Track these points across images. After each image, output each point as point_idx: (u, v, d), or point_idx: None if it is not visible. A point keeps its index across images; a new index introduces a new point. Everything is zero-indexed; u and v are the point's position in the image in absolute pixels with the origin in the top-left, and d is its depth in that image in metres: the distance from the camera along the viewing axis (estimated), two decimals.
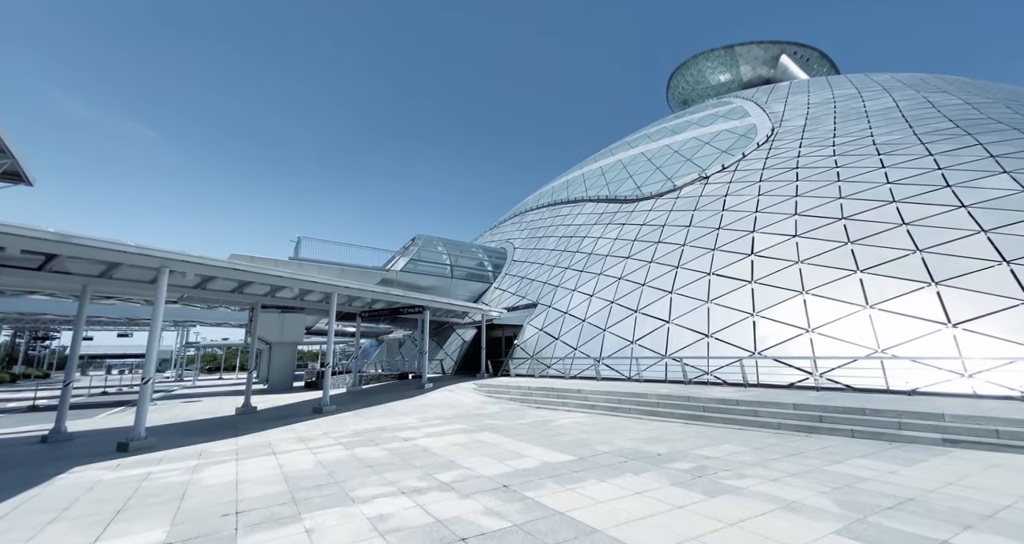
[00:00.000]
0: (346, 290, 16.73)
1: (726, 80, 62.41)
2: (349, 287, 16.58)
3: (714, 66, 61.32)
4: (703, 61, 61.78)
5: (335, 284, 15.90)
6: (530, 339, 24.34)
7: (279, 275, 13.89)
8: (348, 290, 16.80)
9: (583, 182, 39.27)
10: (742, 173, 24.28)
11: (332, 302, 16.12)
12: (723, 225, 20.88)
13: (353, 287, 16.69)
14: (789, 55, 58.73)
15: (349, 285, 16.41)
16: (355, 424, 12.84)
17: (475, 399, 17.17)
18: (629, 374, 18.42)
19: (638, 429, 10.73)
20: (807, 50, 58.33)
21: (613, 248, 25.22)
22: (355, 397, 19.69)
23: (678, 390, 14.08)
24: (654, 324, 18.98)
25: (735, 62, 59.86)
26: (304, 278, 14.95)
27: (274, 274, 13.75)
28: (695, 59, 62.01)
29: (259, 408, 17.56)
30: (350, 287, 16.61)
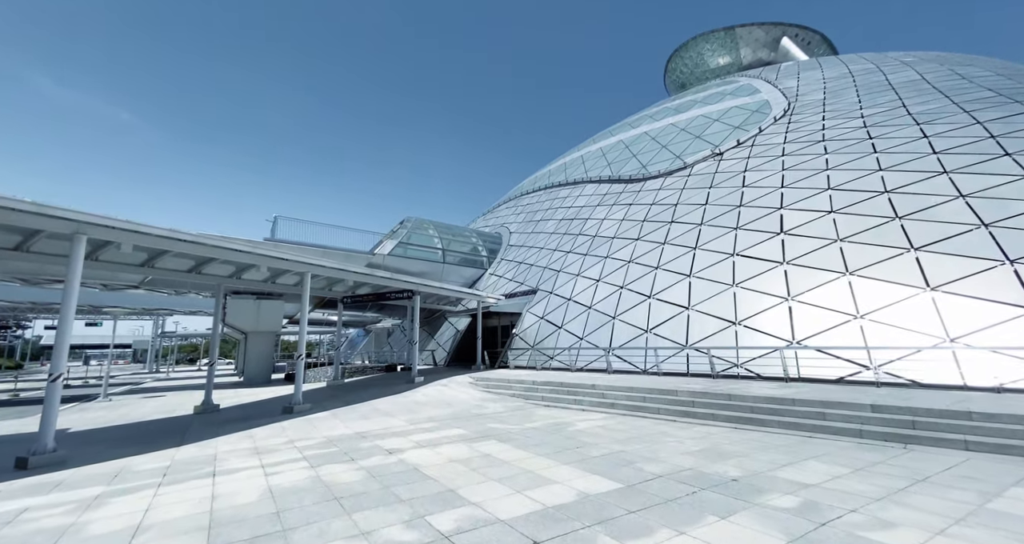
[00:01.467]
0: (322, 270, 14.33)
1: (725, 64, 60.21)
2: (325, 267, 14.17)
3: (714, 49, 59.08)
4: (702, 43, 59.53)
5: (309, 263, 13.50)
6: (530, 328, 22.14)
7: (238, 249, 11.46)
8: (325, 270, 14.40)
9: (582, 164, 36.94)
10: (761, 148, 22.14)
11: (305, 284, 13.72)
12: (745, 202, 18.76)
13: (331, 267, 14.29)
14: (791, 37, 56.62)
15: (326, 264, 14.01)
16: (330, 429, 10.54)
17: (473, 395, 14.95)
18: (645, 366, 16.31)
19: (681, 437, 8.58)
20: (808, 33, 56.37)
21: (620, 230, 23.02)
22: (335, 393, 17.36)
23: (712, 386, 11.97)
24: (672, 311, 16.86)
25: (735, 45, 57.69)
26: (270, 254, 12.53)
27: (232, 248, 11.32)
28: (694, 41, 59.73)
29: (222, 406, 15.17)
30: (327, 267, 14.21)
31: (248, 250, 11.61)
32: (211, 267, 14.59)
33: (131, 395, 22.92)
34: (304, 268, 13.63)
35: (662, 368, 15.42)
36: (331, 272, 14.69)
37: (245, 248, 11.60)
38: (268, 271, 15.28)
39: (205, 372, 45.16)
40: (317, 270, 14.05)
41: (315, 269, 13.97)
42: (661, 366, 15.43)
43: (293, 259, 12.96)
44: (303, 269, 13.62)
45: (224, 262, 14.33)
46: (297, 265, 13.50)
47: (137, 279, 20.85)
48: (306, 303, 13.64)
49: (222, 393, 20.41)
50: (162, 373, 42.88)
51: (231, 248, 11.23)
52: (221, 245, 11.19)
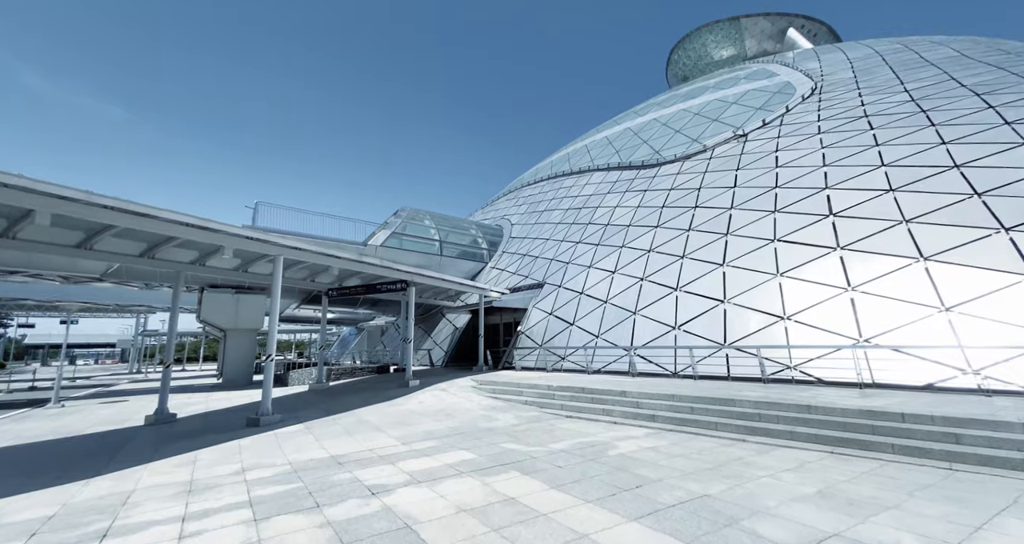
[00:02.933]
0: (299, 254, 11.91)
1: (729, 56, 58.15)
2: (302, 250, 11.75)
3: (718, 40, 57.04)
4: (706, 34, 57.46)
5: (281, 244, 11.08)
6: (537, 325, 19.81)
7: (185, 223, 9.04)
8: (302, 254, 11.98)
9: (587, 153, 34.64)
10: (792, 127, 19.91)
11: (277, 271, 11.29)
12: (781, 183, 16.50)
13: (309, 251, 11.87)
14: (796, 29, 54.65)
15: (303, 247, 11.59)
16: (298, 449, 8.14)
17: (477, 403, 12.59)
18: (675, 368, 14.02)
19: (772, 468, 6.25)
20: (814, 24, 54.44)
21: (636, 217, 20.73)
22: (316, 399, 14.95)
23: (771, 393, 9.68)
24: (704, 304, 14.58)
25: (740, 36, 55.68)
26: (233, 232, 10.11)
27: (175, 220, 8.89)
28: (698, 32, 57.67)
29: (183, 415, 12.73)
30: (304, 250, 11.79)
31: (198, 224, 9.18)
32: (167, 250, 12.15)
33: (93, 399, 20.36)
34: (276, 250, 11.21)
35: (697, 370, 13.11)
36: (310, 257, 12.27)
37: (192, 221, 9.17)
38: (235, 256, 12.85)
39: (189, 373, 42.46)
40: (292, 253, 11.63)
41: (290, 252, 11.55)
42: (696, 368, 13.12)
43: (261, 238, 10.54)
44: (274, 252, 11.20)
45: (180, 246, 11.91)
46: (267, 246, 11.08)
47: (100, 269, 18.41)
48: (276, 293, 11.21)
49: (191, 398, 17.95)
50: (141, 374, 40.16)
51: (173, 219, 8.80)
52: (164, 217, 8.76)
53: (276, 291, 11.21)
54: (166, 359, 12.65)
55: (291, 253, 11.59)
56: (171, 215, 9.16)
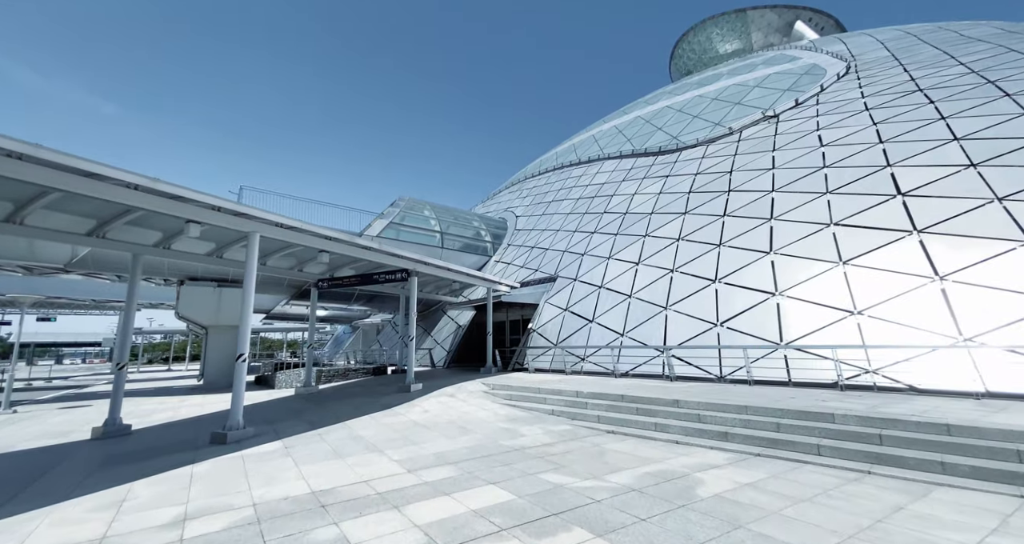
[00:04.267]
0: (278, 231, 9.74)
1: (735, 50, 56.39)
2: (283, 227, 9.59)
3: (723, 33, 55.33)
4: (711, 27, 55.74)
5: (256, 218, 8.90)
6: (551, 322, 17.73)
7: (128, 183, 6.88)
8: (283, 233, 9.81)
9: (595, 143, 32.62)
10: (832, 105, 17.97)
11: (251, 251, 9.11)
12: (830, 163, 14.53)
13: (291, 228, 9.71)
14: (804, 21, 52.95)
15: (284, 223, 9.41)
16: (268, 482, 6.00)
17: (494, 412, 10.47)
18: (721, 372, 11.98)
19: (956, 522, 4.20)
20: (822, 17, 52.84)
21: (659, 204, 18.70)
22: (303, 406, 12.78)
23: (863, 404, 7.66)
24: (750, 298, 12.56)
25: (746, 29, 53.96)
26: (192, 197, 7.95)
27: (119, 180, 6.73)
28: (703, 24, 55.94)
29: (142, 426, 10.55)
30: (285, 228, 9.63)
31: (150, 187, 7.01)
32: (120, 229, 9.96)
33: (56, 403, 18.11)
34: (250, 226, 9.03)
35: (752, 374, 11.05)
36: (292, 236, 10.09)
37: (143, 182, 7.00)
38: (205, 236, 10.67)
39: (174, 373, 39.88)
40: (270, 230, 9.45)
41: (267, 229, 9.36)
42: (752, 372, 11.06)
43: (230, 208, 8.36)
44: (248, 227, 9.03)
45: (135, 223, 9.73)
46: (239, 221, 8.91)
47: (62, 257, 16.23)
48: (250, 279, 9.01)
49: (163, 403, 15.70)
50: None
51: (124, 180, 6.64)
52: (107, 175, 6.58)
53: (250, 276, 9.04)
54: (119, 359, 10.46)
55: (269, 230, 9.42)
56: (116, 173, 6.97)
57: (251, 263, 9.04)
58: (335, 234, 10.46)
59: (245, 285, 9.03)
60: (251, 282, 9.04)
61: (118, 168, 6.78)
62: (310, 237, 10.41)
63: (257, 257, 9.15)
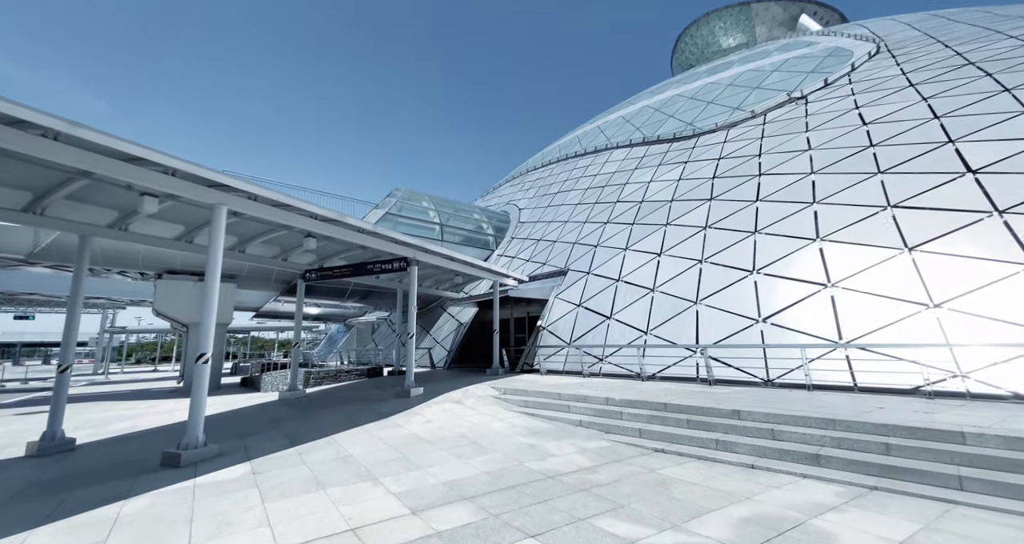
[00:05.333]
0: (252, 206, 7.99)
1: (738, 44, 55.06)
2: (258, 199, 7.85)
3: (727, 27, 53.99)
4: (715, 21, 54.37)
5: (222, 184, 7.15)
6: (562, 319, 16.06)
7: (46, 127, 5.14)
8: (256, 207, 8.06)
9: (600, 133, 31.00)
10: (868, 83, 16.42)
11: (216, 228, 7.37)
12: (880, 141, 12.95)
13: (268, 199, 7.96)
14: (809, 15, 51.66)
15: (258, 193, 7.66)
16: (216, 535, 4.28)
17: (510, 423, 8.77)
18: (768, 375, 10.34)
19: None
20: (827, 11, 51.54)
21: (679, 191, 17.08)
22: (284, 414, 11.02)
23: (995, 420, 6.04)
24: (798, 290, 10.95)
25: (750, 22, 52.66)
26: (136, 154, 6.20)
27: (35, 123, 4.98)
28: (706, 18, 54.60)
29: (85, 441, 8.77)
30: (259, 200, 7.89)
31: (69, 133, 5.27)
32: (62, 205, 8.21)
33: (15, 408, 16.34)
34: (214, 197, 7.27)
35: (813, 378, 9.39)
36: (268, 211, 8.33)
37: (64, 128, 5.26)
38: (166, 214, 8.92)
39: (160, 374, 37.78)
40: (241, 203, 7.68)
41: (237, 201, 7.60)
42: (811, 374, 9.40)
43: (189, 171, 6.61)
44: (212, 199, 7.27)
45: (75, 197, 7.97)
46: (201, 191, 7.16)
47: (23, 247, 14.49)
48: (214, 263, 7.25)
49: (130, 409, 13.88)
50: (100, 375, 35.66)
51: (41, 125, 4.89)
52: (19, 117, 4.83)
53: (214, 259, 7.28)
54: (62, 360, 8.68)
55: (240, 203, 7.66)
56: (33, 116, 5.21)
57: (215, 243, 7.29)
58: (322, 211, 8.71)
59: (208, 270, 7.27)
60: (215, 266, 7.29)
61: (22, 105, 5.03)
62: (291, 213, 8.66)
63: (224, 236, 7.40)
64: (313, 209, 8.56)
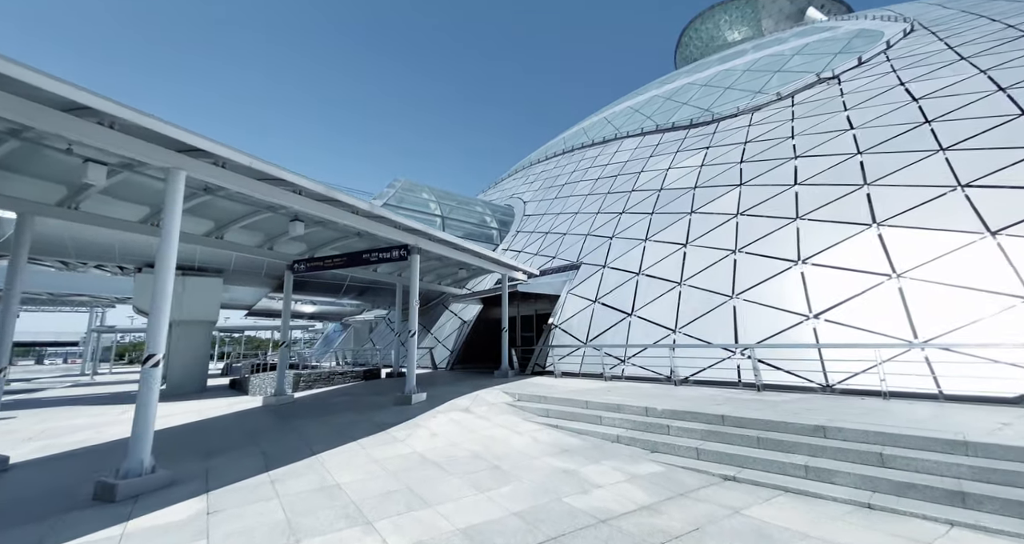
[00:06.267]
0: (217, 174, 6.47)
1: (743, 38, 53.65)
2: (225, 163, 6.34)
3: (732, 20, 52.66)
4: (720, 14, 53.04)
5: (175, 139, 5.62)
6: (576, 317, 14.61)
7: None
8: (222, 175, 6.54)
9: (608, 124, 29.54)
10: (910, 60, 15.00)
11: (171, 198, 5.85)
12: (937, 116, 11.52)
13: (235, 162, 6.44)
14: (816, 8, 50.28)
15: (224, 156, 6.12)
16: None
17: (534, 438, 7.29)
18: (826, 380, 8.87)
19: None
20: (835, 4, 50.29)
21: (702, 177, 15.63)
22: (264, 425, 9.50)
23: None
24: (855, 282, 9.51)
25: (756, 15, 51.34)
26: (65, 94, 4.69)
27: None
28: (711, 11, 53.22)
29: (21, 460, 7.25)
30: (230, 164, 6.38)
31: None
32: None
33: None
34: (170, 159, 5.77)
35: (889, 384, 7.92)
36: (242, 184, 6.82)
37: None
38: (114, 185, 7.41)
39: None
40: (205, 170, 6.16)
41: (199, 167, 6.09)
42: (887, 379, 7.92)
43: (130, 120, 5.10)
44: (168, 162, 5.77)
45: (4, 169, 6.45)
46: (152, 151, 5.66)
47: None
48: (169, 243, 5.75)
49: (101, 415, 12.34)
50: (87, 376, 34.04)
51: None
52: None
53: (167, 240, 5.77)
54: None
55: (202, 168, 6.14)
56: None
57: (170, 219, 5.78)
58: (309, 184, 7.19)
59: (160, 252, 5.75)
60: (168, 248, 5.77)
61: None
62: (271, 187, 7.14)
63: (180, 210, 5.88)
64: (298, 180, 7.04)
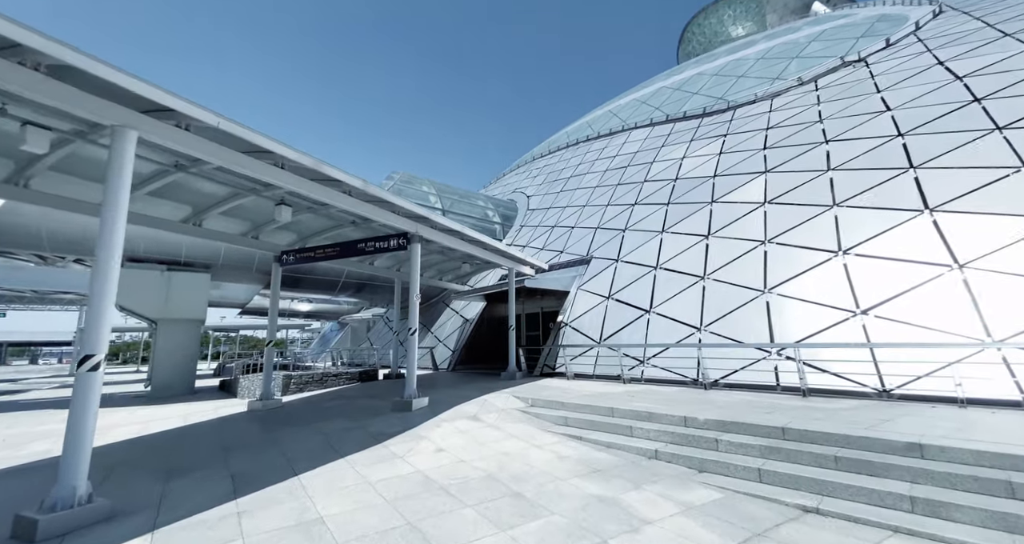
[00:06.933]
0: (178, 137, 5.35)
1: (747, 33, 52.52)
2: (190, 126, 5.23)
3: (736, 14, 51.70)
4: (724, 9, 52.09)
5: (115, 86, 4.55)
6: (588, 314, 13.53)
7: None
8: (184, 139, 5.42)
9: (613, 116, 28.46)
10: (943, 39, 13.97)
11: (116, 164, 4.76)
12: (987, 94, 10.48)
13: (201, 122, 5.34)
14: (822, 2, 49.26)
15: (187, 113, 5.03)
16: None
17: (556, 454, 6.20)
18: (882, 384, 7.80)
19: None
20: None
21: (721, 166, 14.57)
22: (244, 435, 8.39)
23: None
24: (909, 274, 8.46)
25: (760, 10, 50.36)
26: None
27: None
28: (715, 6, 52.31)
29: None
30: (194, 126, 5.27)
31: None
32: None
33: None
34: (116, 116, 4.67)
35: (963, 391, 6.83)
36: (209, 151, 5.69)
37: None
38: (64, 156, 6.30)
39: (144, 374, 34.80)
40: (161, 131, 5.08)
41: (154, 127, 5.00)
42: (962, 383, 6.84)
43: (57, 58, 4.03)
44: (113, 119, 4.67)
45: None
46: (93, 103, 4.56)
47: None
48: (114, 210, 4.62)
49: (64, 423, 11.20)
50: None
51: None
52: None
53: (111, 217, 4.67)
54: None
55: (155, 128, 5.03)
56: None
57: (115, 190, 4.67)
58: (293, 153, 6.09)
59: (102, 231, 4.64)
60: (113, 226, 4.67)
61: None
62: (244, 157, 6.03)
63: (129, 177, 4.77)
64: (279, 149, 5.91)
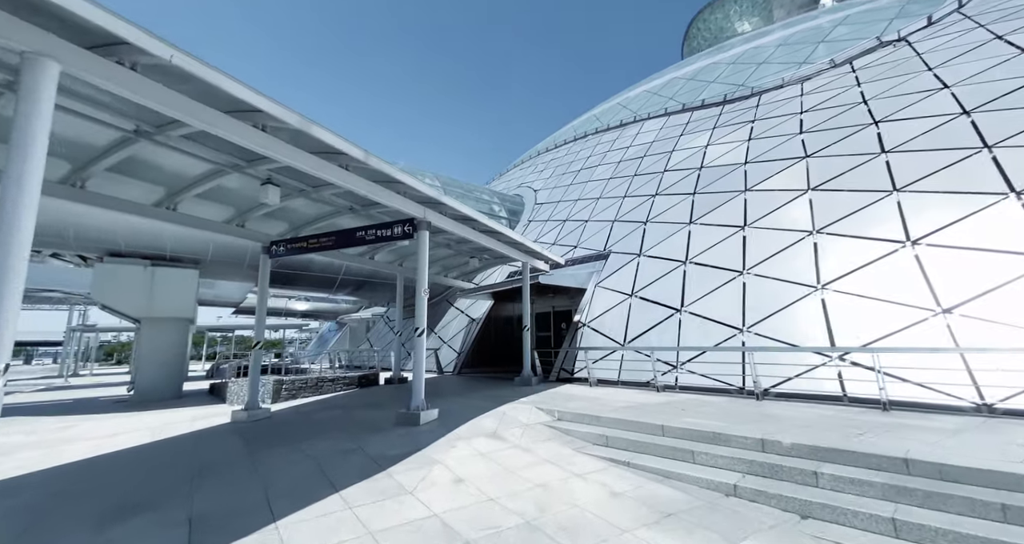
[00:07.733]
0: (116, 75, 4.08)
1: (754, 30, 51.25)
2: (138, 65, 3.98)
3: (742, 10, 50.54)
4: (730, 4, 50.90)
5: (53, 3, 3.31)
6: (609, 313, 12.28)
7: None
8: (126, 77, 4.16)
9: (623, 109, 27.21)
10: (996, 13, 12.73)
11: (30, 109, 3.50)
12: None
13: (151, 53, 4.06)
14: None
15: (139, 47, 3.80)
16: None
17: (609, 490, 4.93)
18: (981, 396, 6.55)
19: None
20: None
21: (752, 152, 13.32)
22: (221, 458, 7.08)
23: None
24: (998, 268, 7.21)
25: (767, 4, 49.25)
26: None
27: None
28: (720, 1, 50.95)
29: None
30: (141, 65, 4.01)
31: None
32: None
33: None
34: (29, 40, 3.43)
35: None
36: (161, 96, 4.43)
37: None
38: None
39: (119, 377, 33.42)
40: (99, 68, 3.83)
41: (78, 57, 3.75)
42: None
43: None
44: (25, 43, 3.43)
45: None
46: None
47: None
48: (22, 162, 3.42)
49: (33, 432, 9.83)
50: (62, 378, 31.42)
51: None
52: None
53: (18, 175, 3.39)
54: None
55: (84, 61, 3.76)
56: None
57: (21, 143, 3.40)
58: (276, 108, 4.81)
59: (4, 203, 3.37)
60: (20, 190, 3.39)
61: None
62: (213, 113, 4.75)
63: (47, 123, 3.51)
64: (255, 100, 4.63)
